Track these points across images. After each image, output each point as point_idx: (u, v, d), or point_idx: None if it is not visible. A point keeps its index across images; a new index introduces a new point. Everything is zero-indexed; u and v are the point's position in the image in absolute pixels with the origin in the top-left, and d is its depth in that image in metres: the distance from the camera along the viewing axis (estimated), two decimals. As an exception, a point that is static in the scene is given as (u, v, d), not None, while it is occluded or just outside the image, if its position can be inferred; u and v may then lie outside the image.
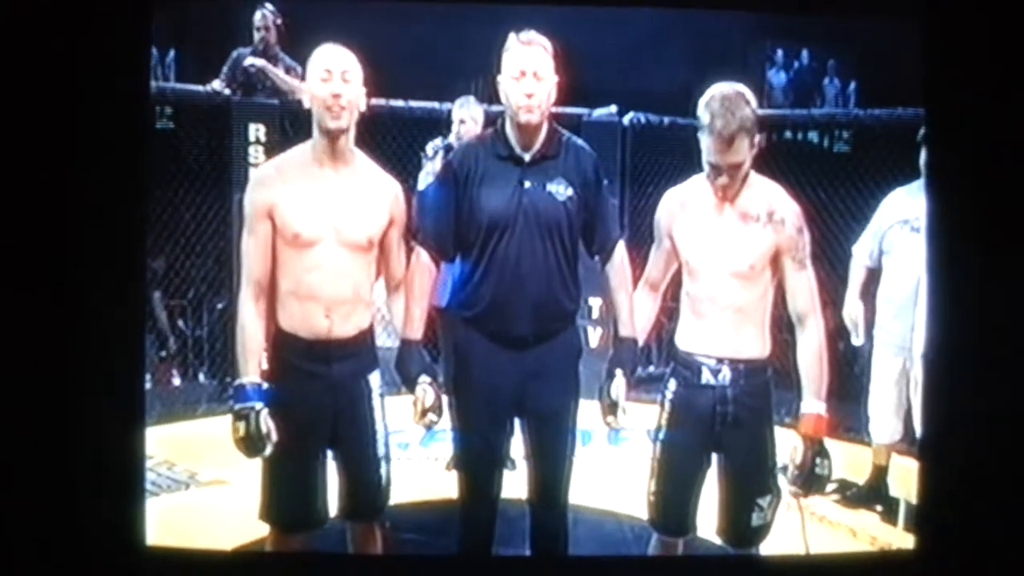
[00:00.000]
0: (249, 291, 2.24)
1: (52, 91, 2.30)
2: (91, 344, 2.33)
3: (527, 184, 2.29)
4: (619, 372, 2.35)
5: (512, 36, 2.31)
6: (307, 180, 2.24)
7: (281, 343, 2.26)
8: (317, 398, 2.26)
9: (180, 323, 4.11)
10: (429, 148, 3.55)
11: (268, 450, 2.21)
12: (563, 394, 2.36)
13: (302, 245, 2.22)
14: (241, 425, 2.20)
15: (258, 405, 2.20)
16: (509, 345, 2.31)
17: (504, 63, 2.30)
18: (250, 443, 2.21)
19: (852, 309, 3.21)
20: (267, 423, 2.20)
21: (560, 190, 2.30)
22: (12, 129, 2.29)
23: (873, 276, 3.20)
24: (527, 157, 2.31)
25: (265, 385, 2.23)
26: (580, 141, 2.39)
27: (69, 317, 2.32)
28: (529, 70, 2.26)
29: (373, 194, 2.29)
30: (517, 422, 2.38)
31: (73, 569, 2.32)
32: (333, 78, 2.21)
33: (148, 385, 3.89)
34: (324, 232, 2.22)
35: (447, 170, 2.38)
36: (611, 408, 2.35)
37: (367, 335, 2.32)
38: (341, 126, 2.22)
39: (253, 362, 2.23)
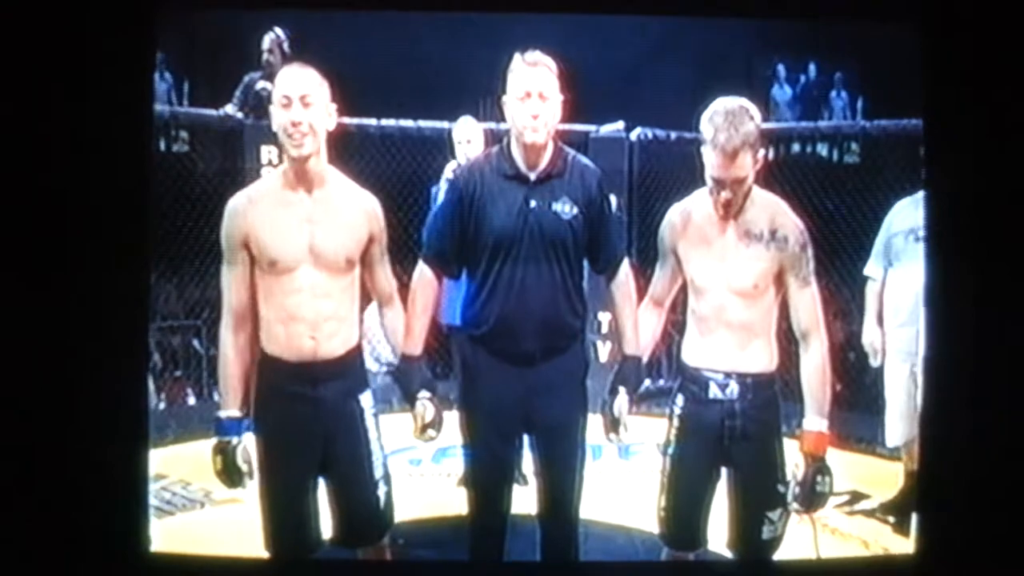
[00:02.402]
0: (229, 322, 2.23)
1: (57, 106, 2.32)
2: (95, 356, 2.34)
3: (533, 203, 2.30)
4: (622, 389, 2.35)
5: (517, 56, 2.31)
6: (280, 207, 2.21)
7: (267, 368, 2.23)
8: (305, 420, 2.22)
9: (195, 343, 4.15)
10: (447, 171, 3.52)
11: (247, 482, 2.22)
12: (571, 409, 2.36)
13: (280, 272, 2.20)
14: (219, 459, 2.23)
15: (235, 439, 2.22)
16: (517, 362, 2.31)
17: (509, 84, 2.31)
18: (228, 476, 2.23)
19: (871, 335, 3.22)
20: (244, 456, 2.22)
21: (565, 209, 2.30)
22: (11, 141, 2.32)
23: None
24: (532, 176, 2.31)
25: (243, 417, 2.23)
26: (584, 159, 2.39)
27: (73, 330, 2.33)
28: (535, 91, 2.26)
29: (349, 213, 2.26)
30: (526, 438, 2.39)
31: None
32: (293, 104, 2.16)
33: (163, 404, 3.95)
34: (301, 257, 2.20)
35: (452, 189, 2.39)
36: (613, 424, 2.36)
37: (355, 354, 2.29)
38: (303, 153, 2.17)
39: (232, 395, 2.23)
